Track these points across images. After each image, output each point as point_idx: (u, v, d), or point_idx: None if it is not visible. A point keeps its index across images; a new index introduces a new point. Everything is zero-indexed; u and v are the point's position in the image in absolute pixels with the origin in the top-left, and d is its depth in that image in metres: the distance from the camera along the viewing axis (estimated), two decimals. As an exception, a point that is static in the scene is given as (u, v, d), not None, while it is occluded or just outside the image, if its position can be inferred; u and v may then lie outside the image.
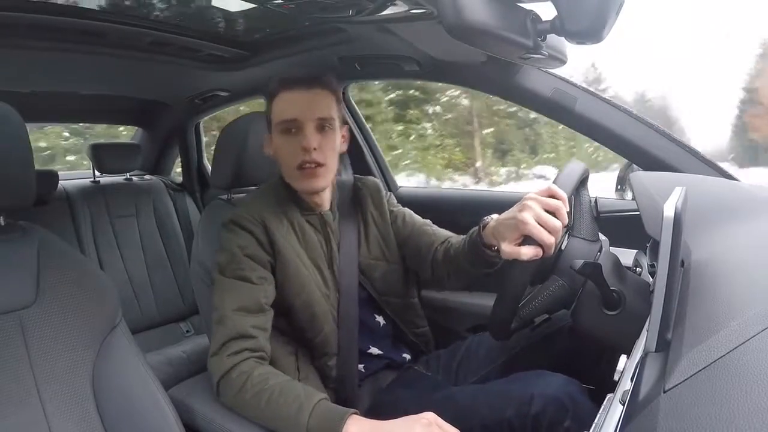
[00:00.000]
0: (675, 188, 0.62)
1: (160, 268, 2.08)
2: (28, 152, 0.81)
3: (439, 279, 1.11)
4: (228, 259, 0.97)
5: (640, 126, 1.18)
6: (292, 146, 0.98)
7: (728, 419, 0.34)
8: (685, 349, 0.46)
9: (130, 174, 2.20)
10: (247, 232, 0.98)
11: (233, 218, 1.00)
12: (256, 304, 0.94)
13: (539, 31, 0.76)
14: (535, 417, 0.84)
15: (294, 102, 0.98)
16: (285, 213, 1.03)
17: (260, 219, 0.99)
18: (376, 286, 1.11)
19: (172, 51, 1.44)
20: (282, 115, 0.99)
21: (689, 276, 0.66)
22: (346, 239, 1.09)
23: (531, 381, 0.90)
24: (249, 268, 0.95)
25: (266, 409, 0.84)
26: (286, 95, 0.99)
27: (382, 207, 1.16)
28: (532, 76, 1.22)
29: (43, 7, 1.11)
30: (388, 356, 1.12)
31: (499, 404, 0.88)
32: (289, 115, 0.98)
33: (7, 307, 0.79)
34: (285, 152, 1.00)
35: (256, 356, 0.91)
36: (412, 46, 1.22)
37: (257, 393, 0.86)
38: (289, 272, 0.99)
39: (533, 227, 0.78)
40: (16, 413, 0.76)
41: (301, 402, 0.82)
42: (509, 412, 0.86)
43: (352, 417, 0.79)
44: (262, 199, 1.05)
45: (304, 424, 0.80)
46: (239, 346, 0.90)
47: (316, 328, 1.01)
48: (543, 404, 0.84)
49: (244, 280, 0.95)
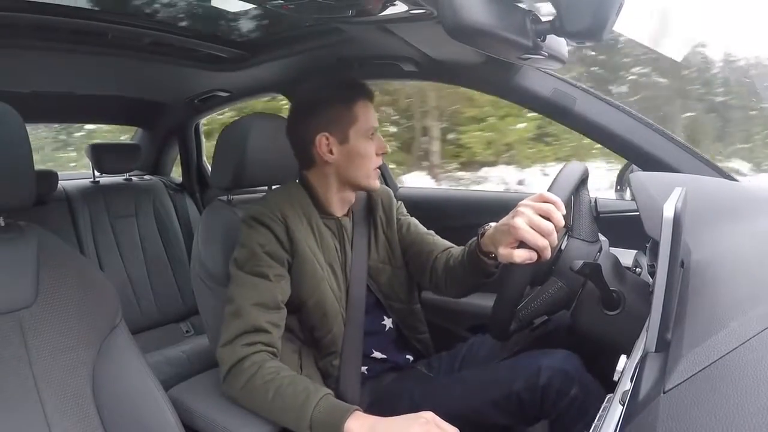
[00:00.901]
0: (674, 188, 0.63)
1: (160, 269, 2.08)
2: (28, 152, 0.81)
3: (436, 286, 1.14)
4: (247, 256, 0.98)
5: (640, 126, 1.18)
6: (373, 150, 1.05)
7: (728, 419, 0.34)
8: (685, 349, 0.46)
9: (130, 174, 2.20)
10: (267, 229, 0.99)
11: (254, 214, 1.01)
12: (273, 301, 0.95)
13: (539, 32, 0.77)
14: (543, 388, 0.88)
15: (372, 110, 1.07)
16: (305, 214, 1.05)
17: (282, 216, 1.01)
18: (383, 290, 1.13)
19: (172, 51, 1.44)
20: (372, 122, 1.05)
21: (689, 276, 0.66)
22: (358, 243, 1.12)
23: (535, 356, 0.95)
24: (267, 266, 0.97)
25: (273, 399, 0.86)
26: (366, 103, 1.05)
27: (390, 213, 1.19)
28: (531, 76, 1.22)
29: (43, 7, 1.11)
30: (392, 359, 1.12)
31: (508, 379, 0.92)
32: (375, 123, 1.06)
33: (7, 308, 0.79)
34: (369, 155, 1.05)
35: (269, 351, 0.92)
36: (411, 46, 1.22)
37: (267, 383, 0.87)
38: (305, 271, 1.01)
39: (526, 231, 0.79)
40: (15, 413, 0.76)
41: (308, 394, 0.84)
42: (518, 385, 0.90)
43: (354, 413, 0.81)
44: (283, 197, 1.06)
45: (308, 416, 0.82)
46: (254, 338, 0.92)
47: (325, 327, 1.03)
48: (550, 375, 0.88)
49: (262, 276, 0.96)
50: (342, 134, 1.03)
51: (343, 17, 1.10)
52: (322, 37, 1.32)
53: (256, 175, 1.21)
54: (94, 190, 2.04)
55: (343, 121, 1.03)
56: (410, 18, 1.02)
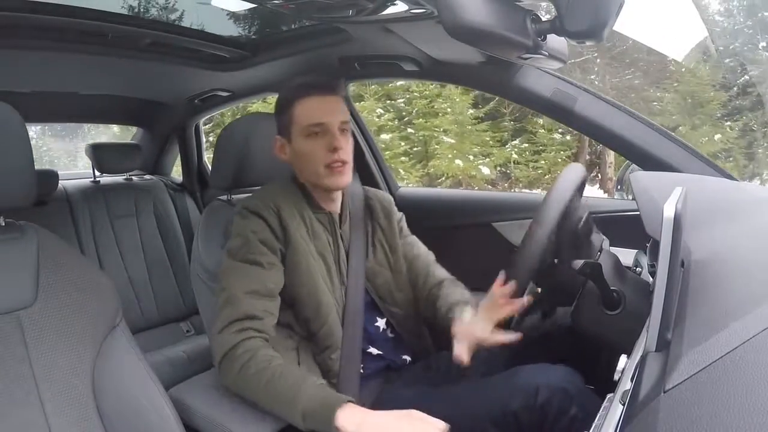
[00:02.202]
0: (675, 188, 0.62)
1: (160, 268, 2.08)
2: (28, 152, 0.81)
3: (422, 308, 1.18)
4: (240, 244, 0.98)
5: (640, 126, 1.18)
6: (319, 147, 1.02)
7: (728, 419, 0.34)
8: (685, 348, 0.46)
9: (130, 174, 2.20)
10: (260, 218, 1.00)
11: (247, 205, 1.02)
12: (265, 288, 0.96)
13: (539, 31, 0.77)
14: (541, 407, 0.86)
15: (318, 107, 1.03)
16: (297, 207, 1.06)
17: (275, 206, 1.01)
18: (379, 293, 1.13)
19: (172, 51, 1.44)
20: (309, 120, 1.02)
21: (689, 276, 0.66)
22: (356, 242, 1.12)
23: (534, 373, 0.92)
24: (260, 253, 0.97)
25: (266, 388, 0.86)
26: (309, 100, 1.03)
27: (390, 217, 1.19)
28: (532, 76, 1.22)
29: (43, 7, 1.12)
30: (388, 357, 1.12)
31: (504, 397, 0.90)
32: (316, 120, 1.02)
33: (7, 308, 0.79)
34: (311, 154, 1.03)
35: (261, 336, 0.93)
36: (412, 46, 1.22)
37: (259, 371, 0.87)
38: (297, 261, 1.01)
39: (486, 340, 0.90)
40: (16, 413, 0.76)
41: (300, 385, 0.85)
42: (515, 404, 0.88)
43: (347, 404, 0.81)
44: (276, 190, 1.07)
45: (300, 405, 0.82)
46: (245, 325, 0.92)
47: (320, 319, 1.03)
48: (548, 395, 0.86)
49: (254, 264, 0.96)
50: (287, 135, 1.06)
51: (344, 17, 1.10)
52: (323, 37, 1.32)
53: (256, 175, 1.21)
54: (95, 189, 2.04)
55: (285, 122, 1.05)
56: (411, 18, 1.03)
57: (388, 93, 7.42)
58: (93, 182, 2.08)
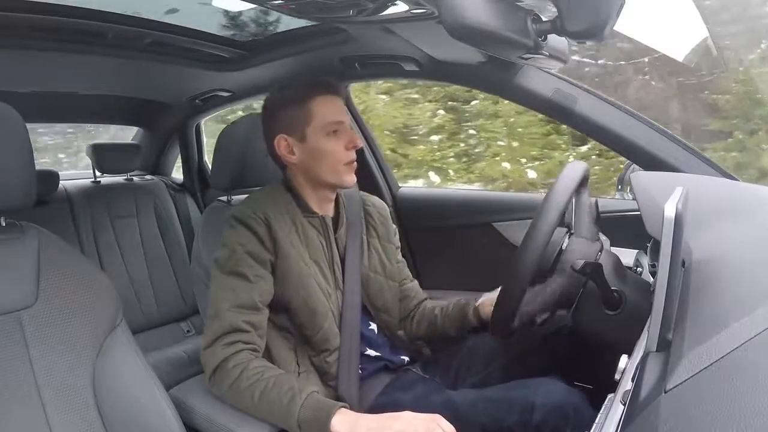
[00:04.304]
0: (675, 188, 0.62)
1: (161, 269, 2.08)
2: (28, 152, 0.81)
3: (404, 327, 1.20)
4: (227, 256, 0.98)
5: (641, 126, 1.18)
6: (339, 145, 1.03)
7: (729, 419, 0.34)
8: (686, 349, 0.46)
9: (131, 174, 2.20)
10: (248, 229, 0.98)
11: (236, 215, 1.01)
12: (251, 302, 0.95)
13: (540, 31, 0.77)
14: (537, 427, 0.85)
15: (334, 105, 1.04)
16: (288, 212, 1.04)
17: (264, 216, 1.00)
18: (372, 300, 1.13)
19: (172, 51, 1.44)
20: (331, 117, 1.02)
21: (690, 276, 0.66)
22: (352, 247, 1.11)
23: (532, 389, 0.90)
24: (246, 265, 0.97)
25: (260, 400, 0.87)
26: (328, 99, 1.03)
27: (387, 225, 1.19)
28: (532, 76, 1.22)
29: (43, 7, 1.11)
30: (386, 358, 1.12)
31: (500, 412, 0.89)
32: (336, 117, 1.03)
33: (7, 308, 0.79)
34: (333, 152, 1.03)
35: (249, 348, 0.93)
36: (412, 46, 1.22)
37: (252, 384, 0.88)
38: (289, 268, 1.00)
39: None
40: (16, 413, 0.76)
41: (293, 394, 0.85)
42: (510, 420, 0.87)
43: (340, 409, 0.83)
44: (265, 197, 1.06)
45: (296, 414, 0.83)
46: (233, 338, 0.92)
47: (315, 325, 1.02)
48: (544, 414, 0.85)
49: (240, 276, 0.96)
50: (300, 133, 1.03)
51: (344, 17, 1.10)
52: (323, 37, 1.32)
53: (256, 175, 1.21)
54: (95, 190, 2.04)
55: (299, 121, 1.03)
56: (411, 18, 1.02)
57: (449, 95, 7.40)
58: (94, 182, 2.08)
